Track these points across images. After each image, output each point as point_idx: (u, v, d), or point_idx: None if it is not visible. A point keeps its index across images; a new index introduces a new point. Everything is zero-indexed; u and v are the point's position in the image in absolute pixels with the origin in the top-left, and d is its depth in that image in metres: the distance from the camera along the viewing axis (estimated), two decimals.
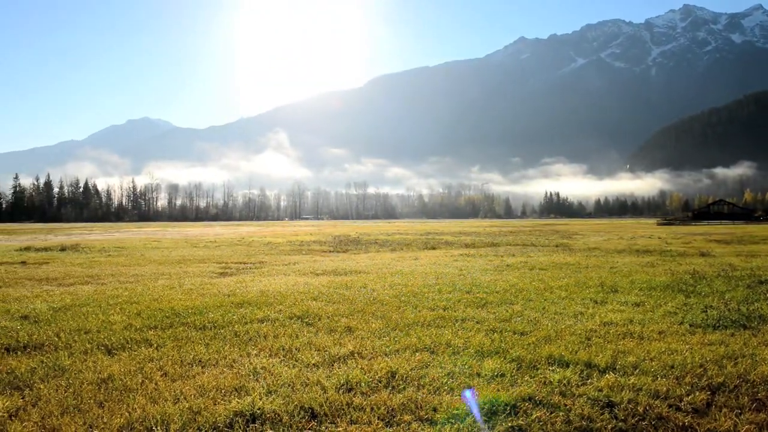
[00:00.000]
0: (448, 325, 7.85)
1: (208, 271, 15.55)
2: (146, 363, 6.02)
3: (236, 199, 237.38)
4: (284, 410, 4.67)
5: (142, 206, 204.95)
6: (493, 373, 5.64)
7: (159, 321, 8.13)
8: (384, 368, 5.73)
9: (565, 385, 5.30)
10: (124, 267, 16.87)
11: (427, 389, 5.18)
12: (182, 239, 36.01)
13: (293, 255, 22.29)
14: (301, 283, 12.30)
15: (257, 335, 7.23)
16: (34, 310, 9.09)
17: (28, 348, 6.71)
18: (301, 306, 9.29)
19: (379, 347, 6.60)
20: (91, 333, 7.40)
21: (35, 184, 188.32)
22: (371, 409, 4.73)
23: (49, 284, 12.82)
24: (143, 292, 11.14)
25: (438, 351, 6.45)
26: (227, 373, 5.67)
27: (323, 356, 6.24)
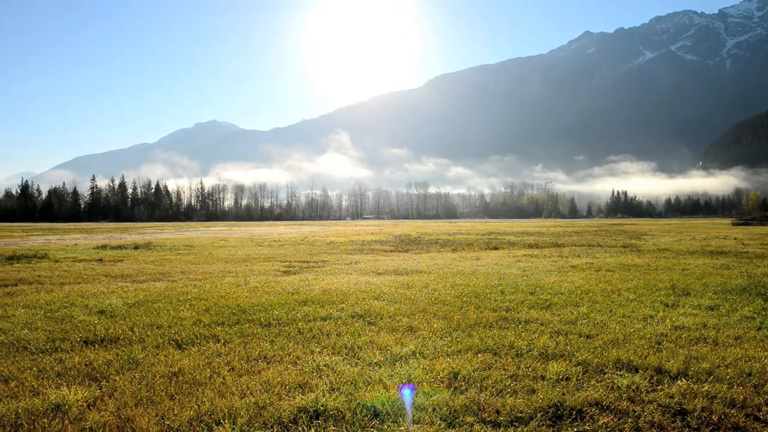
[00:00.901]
0: (511, 326, 7.74)
1: (272, 270, 15.89)
2: (214, 358, 6.22)
3: (299, 199, 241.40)
4: (347, 408, 4.73)
5: (209, 206, 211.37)
6: (558, 376, 5.52)
7: (226, 317, 8.38)
8: (446, 368, 5.70)
9: (634, 391, 5.13)
10: (193, 265, 17.45)
11: (489, 391, 5.13)
12: (248, 238, 36.95)
13: (355, 254, 22.50)
14: (363, 282, 12.40)
15: (320, 333, 7.34)
16: (110, 305, 9.53)
17: (104, 341, 7.05)
18: (363, 305, 9.36)
19: (441, 347, 6.57)
20: (163, 328, 7.70)
21: (111, 185, 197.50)
22: (433, 410, 4.72)
23: (124, 281, 13.42)
24: (211, 289, 11.49)
25: (501, 353, 6.37)
26: (291, 369, 5.78)
27: (385, 355, 6.27)
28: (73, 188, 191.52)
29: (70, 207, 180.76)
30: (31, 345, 6.82)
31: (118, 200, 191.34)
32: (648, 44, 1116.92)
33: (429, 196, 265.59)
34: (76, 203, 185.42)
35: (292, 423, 4.47)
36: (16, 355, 6.39)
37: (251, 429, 4.36)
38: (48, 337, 7.23)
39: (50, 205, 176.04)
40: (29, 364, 6.01)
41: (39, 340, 7.06)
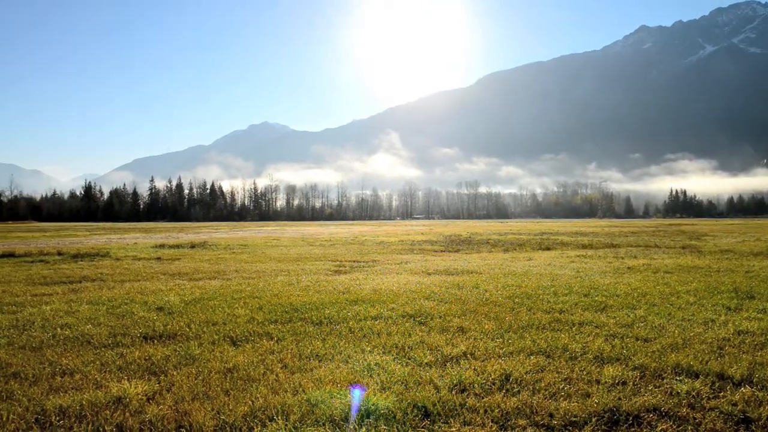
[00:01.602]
0: (564, 328, 7.59)
1: (323, 269, 16.07)
2: (268, 355, 6.33)
3: (350, 199, 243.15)
4: (398, 407, 4.73)
5: (262, 206, 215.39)
6: (614, 380, 5.38)
7: (279, 315, 8.52)
8: (498, 370, 5.64)
9: (694, 397, 4.96)
10: (247, 264, 17.81)
11: (542, 394, 5.04)
12: (299, 238, 37.47)
13: (405, 254, 22.51)
14: (413, 282, 12.39)
15: (371, 332, 7.37)
16: (168, 302, 9.82)
17: (162, 337, 7.27)
18: (414, 305, 9.35)
19: (493, 349, 6.50)
20: (218, 325, 7.89)
21: (168, 186, 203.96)
22: (485, 411, 4.67)
23: (181, 279, 13.82)
24: (264, 287, 11.70)
25: (554, 355, 6.25)
26: (343, 368, 5.83)
27: (436, 355, 6.25)
28: (132, 189, 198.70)
29: (130, 207, 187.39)
30: (94, 339, 7.10)
31: (175, 200, 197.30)
32: (708, 37, 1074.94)
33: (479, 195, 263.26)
34: (135, 203, 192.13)
35: (343, 421, 4.51)
36: (80, 349, 6.66)
37: (303, 426, 4.42)
38: (110, 332, 7.52)
39: (111, 205, 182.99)
40: (92, 358, 6.25)
41: (101, 335, 7.35)
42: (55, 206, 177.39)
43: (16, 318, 8.54)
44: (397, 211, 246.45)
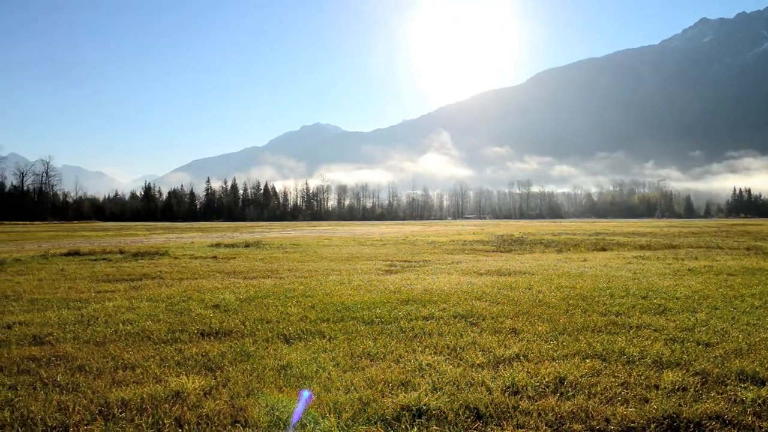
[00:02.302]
0: (621, 331, 7.39)
1: (374, 268, 16.13)
2: (320, 353, 6.40)
3: (400, 199, 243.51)
4: (449, 408, 4.71)
5: (314, 206, 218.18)
6: (674, 386, 5.20)
7: (331, 314, 8.60)
8: (551, 373, 5.54)
9: (760, 405, 4.75)
10: (299, 263, 18.06)
11: (598, 398, 4.92)
12: (350, 237, 37.74)
13: (456, 254, 22.38)
14: (465, 283, 12.29)
15: (422, 332, 7.36)
16: (224, 300, 10.06)
17: (219, 334, 7.45)
18: (465, 305, 9.29)
19: (546, 351, 6.39)
20: (272, 323, 8.03)
21: (224, 186, 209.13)
22: (538, 414, 4.60)
23: (236, 277, 14.13)
24: (316, 286, 11.84)
25: (610, 359, 6.09)
26: (394, 367, 5.84)
27: (488, 357, 6.18)
28: (190, 190, 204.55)
29: (188, 207, 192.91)
30: (154, 335, 7.34)
31: (230, 201, 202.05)
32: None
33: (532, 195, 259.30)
34: (192, 204, 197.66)
35: (395, 420, 4.52)
36: (141, 344, 6.89)
37: (355, 424, 4.45)
38: (168, 328, 7.75)
39: (170, 205, 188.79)
40: (152, 353, 6.46)
41: (161, 331, 7.59)
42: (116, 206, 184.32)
43: (81, 314, 8.91)
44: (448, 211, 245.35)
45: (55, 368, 5.92)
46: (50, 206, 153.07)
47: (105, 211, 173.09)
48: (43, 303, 10.09)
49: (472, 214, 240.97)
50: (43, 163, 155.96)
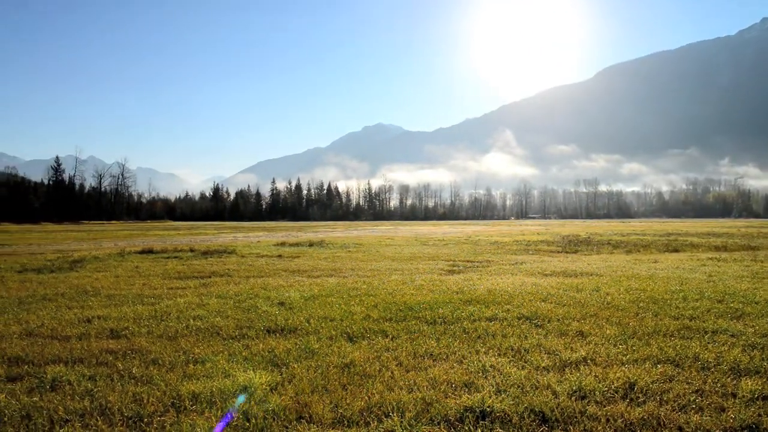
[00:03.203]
0: (695, 336, 7.07)
1: (437, 268, 16.08)
2: (383, 352, 6.43)
3: (463, 198, 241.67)
4: (514, 411, 4.64)
5: (376, 206, 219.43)
6: (753, 394, 4.94)
7: (393, 314, 8.63)
8: (621, 378, 5.37)
9: None
10: (362, 262, 18.21)
11: (671, 405, 4.74)
12: (412, 237, 37.75)
13: (520, 254, 22.02)
14: (529, 284, 12.08)
15: (485, 333, 7.28)
16: (289, 298, 10.26)
17: (284, 331, 7.61)
18: (530, 307, 9.12)
19: (615, 355, 6.20)
20: (335, 321, 8.13)
21: (288, 187, 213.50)
22: (607, 420, 4.47)
23: (300, 275, 14.39)
24: (379, 285, 11.90)
25: (683, 365, 5.85)
26: (457, 368, 5.80)
27: (553, 360, 6.05)
28: (256, 190, 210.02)
29: (254, 207, 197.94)
30: (222, 331, 7.57)
31: (295, 201, 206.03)
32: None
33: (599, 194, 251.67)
34: (258, 204, 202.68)
35: (458, 421, 4.49)
36: (210, 340, 7.12)
37: (418, 424, 4.45)
38: (236, 324, 7.98)
39: (237, 205, 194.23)
40: (221, 348, 6.67)
41: (229, 327, 7.82)
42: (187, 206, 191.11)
43: (155, 309, 9.30)
44: (512, 211, 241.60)
45: (131, 361, 6.20)
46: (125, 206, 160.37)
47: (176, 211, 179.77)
48: (120, 298, 10.59)
49: (536, 213, 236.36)
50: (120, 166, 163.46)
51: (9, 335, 7.48)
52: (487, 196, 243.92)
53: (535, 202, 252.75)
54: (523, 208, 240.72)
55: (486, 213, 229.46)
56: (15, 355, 6.40)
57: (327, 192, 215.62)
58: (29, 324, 8.18)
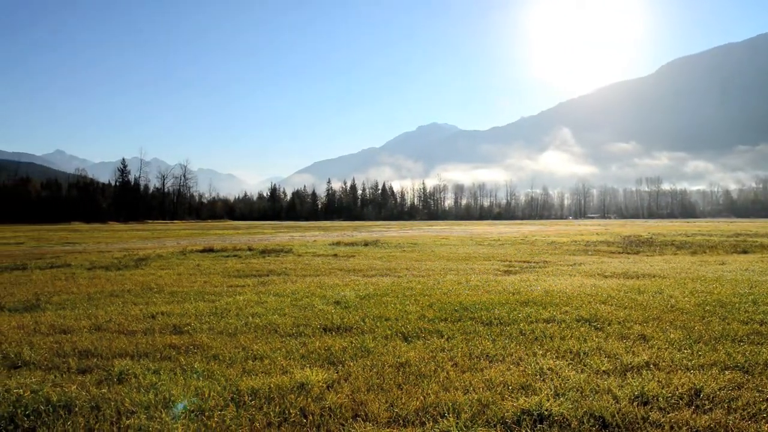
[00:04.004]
0: (766, 342, 6.74)
1: (492, 269, 15.90)
2: (438, 352, 6.41)
3: (518, 198, 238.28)
4: (572, 415, 4.54)
5: (431, 206, 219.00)
6: None
7: (449, 314, 8.58)
8: (685, 384, 5.18)
9: None
10: (417, 262, 18.19)
11: (740, 414, 4.54)
12: (467, 237, 37.46)
13: (578, 255, 21.52)
14: (588, 285, 11.79)
15: (543, 335, 7.15)
16: (344, 297, 10.35)
17: (340, 329, 7.68)
18: (589, 308, 8.90)
19: (679, 360, 5.98)
20: (391, 320, 8.16)
21: (343, 187, 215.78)
22: (670, 428, 4.32)
23: (356, 275, 14.50)
24: (434, 285, 11.86)
25: (754, 371, 5.59)
26: (514, 370, 5.73)
27: (614, 364, 5.89)
28: (312, 190, 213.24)
29: (310, 207, 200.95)
30: (280, 329, 7.71)
31: (350, 200, 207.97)
32: None
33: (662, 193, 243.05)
34: (314, 203, 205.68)
35: (515, 424, 4.43)
36: (268, 337, 7.27)
37: (474, 426, 4.41)
38: (293, 322, 8.11)
39: (293, 205, 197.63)
40: (279, 345, 6.79)
41: (286, 324, 7.96)
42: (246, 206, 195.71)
43: (215, 306, 9.56)
44: (569, 210, 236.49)
45: (193, 356, 6.39)
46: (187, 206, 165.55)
47: (235, 211, 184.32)
48: (182, 295, 10.94)
49: (595, 213, 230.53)
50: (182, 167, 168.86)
51: (79, 329, 7.84)
52: (543, 196, 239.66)
53: (594, 201, 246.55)
54: (582, 208, 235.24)
55: (543, 213, 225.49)
56: (85, 349, 6.71)
57: (381, 192, 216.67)
58: (98, 319, 8.55)
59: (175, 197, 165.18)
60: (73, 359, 6.27)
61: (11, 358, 6.33)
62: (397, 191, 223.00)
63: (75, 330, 7.80)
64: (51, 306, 9.89)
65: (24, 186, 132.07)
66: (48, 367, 6.03)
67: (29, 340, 7.19)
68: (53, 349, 6.69)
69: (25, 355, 6.41)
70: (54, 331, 7.78)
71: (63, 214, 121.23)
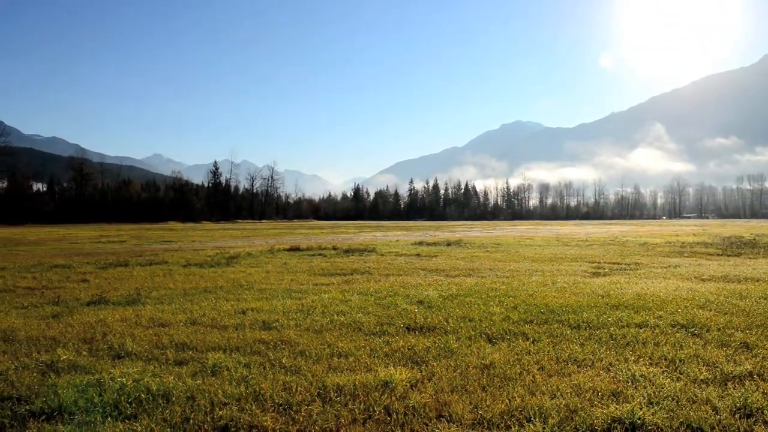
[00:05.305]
0: None
1: (580, 270, 15.42)
2: (524, 355, 6.29)
3: (608, 197, 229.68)
4: (667, 425, 4.33)
5: (515, 205, 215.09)
6: None
7: (534, 316, 8.40)
8: None
9: None
10: (501, 262, 17.91)
11: None
12: (553, 237, 36.49)
13: (673, 257, 20.46)
14: (684, 289, 11.19)
15: (635, 340, 6.85)
16: (427, 296, 10.35)
17: (423, 329, 7.69)
18: (685, 314, 8.45)
19: None
20: (474, 321, 8.08)
21: (426, 186, 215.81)
22: None
23: (438, 275, 14.46)
24: (519, 287, 11.64)
25: None
26: (603, 375, 5.53)
27: (713, 372, 5.56)
28: (394, 190, 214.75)
29: (392, 207, 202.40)
30: (364, 327, 7.81)
31: (432, 200, 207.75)
32: None
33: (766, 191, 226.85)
34: (396, 203, 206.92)
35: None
36: (353, 335, 7.38)
37: (562, 431, 4.30)
38: (377, 321, 8.20)
39: (376, 205, 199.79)
40: (363, 344, 6.89)
41: (370, 323, 8.05)
42: (330, 206, 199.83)
43: (302, 303, 9.81)
44: (663, 210, 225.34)
45: (281, 351, 6.59)
46: (274, 206, 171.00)
47: (320, 211, 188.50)
48: (270, 292, 11.31)
49: (691, 213, 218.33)
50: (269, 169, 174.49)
51: (176, 323, 8.28)
52: (635, 195, 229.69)
53: (690, 200, 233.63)
54: (676, 207, 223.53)
55: (634, 212, 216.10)
56: (181, 341, 7.07)
57: (464, 191, 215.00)
58: (193, 313, 8.99)
59: (263, 198, 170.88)
60: (171, 351, 6.62)
61: (116, 348, 6.76)
62: (480, 191, 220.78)
63: (172, 323, 8.24)
64: (150, 300, 10.49)
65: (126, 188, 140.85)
66: (148, 358, 6.40)
67: (131, 332, 7.66)
68: (152, 342, 7.09)
69: (127, 346, 6.84)
70: (153, 324, 8.25)
71: (161, 214, 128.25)
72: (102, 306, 9.97)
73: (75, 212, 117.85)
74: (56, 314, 9.15)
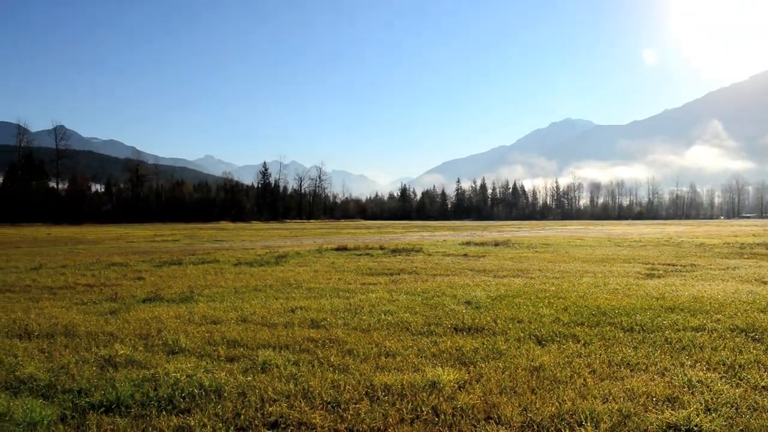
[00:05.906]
0: None
1: (633, 272, 15.01)
2: (574, 358, 6.17)
3: (662, 196, 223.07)
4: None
5: (564, 205, 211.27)
6: None
7: (585, 318, 8.23)
8: None
9: None
10: (550, 263, 17.61)
11: None
12: (605, 238, 35.66)
13: (732, 258, 19.69)
14: (744, 291, 10.76)
15: (691, 344, 6.63)
16: (475, 297, 10.26)
17: (471, 330, 7.63)
18: (745, 317, 8.12)
19: None
20: (523, 323, 7.97)
21: (473, 186, 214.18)
22: None
23: (486, 275, 14.33)
24: (569, 288, 11.42)
25: None
26: (658, 380, 5.37)
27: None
28: (441, 190, 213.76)
29: (439, 207, 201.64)
30: (411, 327, 7.81)
31: (479, 200, 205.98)
32: None
33: None
34: (443, 203, 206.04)
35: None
36: (400, 335, 7.39)
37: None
38: (424, 321, 8.18)
39: (423, 205, 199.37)
40: (410, 344, 6.88)
41: (417, 323, 8.04)
42: (376, 206, 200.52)
43: (349, 302, 9.88)
44: (721, 209, 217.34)
45: (329, 350, 6.65)
46: (322, 206, 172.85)
47: (367, 211, 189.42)
48: (318, 291, 11.44)
49: (751, 212, 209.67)
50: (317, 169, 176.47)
51: (227, 320, 8.46)
52: (691, 194, 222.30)
53: (750, 199, 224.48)
54: (736, 207, 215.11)
55: (690, 212, 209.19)
56: (232, 339, 7.22)
57: (512, 191, 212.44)
58: (243, 311, 9.17)
59: (311, 198, 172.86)
60: (222, 348, 6.77)
61: (170, 344, 6.96)
62: (528, 190, 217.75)
63: (223, 321, 8.42)
64: (202, 298, 10.75)
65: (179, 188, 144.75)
66: (201, 354, 6.56)
67: (185, 328, 7.87)
68: (205, 338, 7.27)
69: (181, 342, 7.02)
70: (205, 321, 8.45)
71: (212, 214, 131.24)
72: (157, 303, 10.28)
73: (131, 212, 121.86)
74: (114, 310, 9.48)
